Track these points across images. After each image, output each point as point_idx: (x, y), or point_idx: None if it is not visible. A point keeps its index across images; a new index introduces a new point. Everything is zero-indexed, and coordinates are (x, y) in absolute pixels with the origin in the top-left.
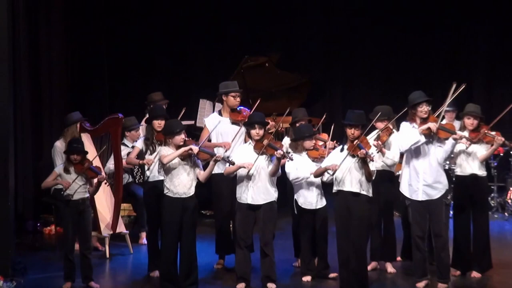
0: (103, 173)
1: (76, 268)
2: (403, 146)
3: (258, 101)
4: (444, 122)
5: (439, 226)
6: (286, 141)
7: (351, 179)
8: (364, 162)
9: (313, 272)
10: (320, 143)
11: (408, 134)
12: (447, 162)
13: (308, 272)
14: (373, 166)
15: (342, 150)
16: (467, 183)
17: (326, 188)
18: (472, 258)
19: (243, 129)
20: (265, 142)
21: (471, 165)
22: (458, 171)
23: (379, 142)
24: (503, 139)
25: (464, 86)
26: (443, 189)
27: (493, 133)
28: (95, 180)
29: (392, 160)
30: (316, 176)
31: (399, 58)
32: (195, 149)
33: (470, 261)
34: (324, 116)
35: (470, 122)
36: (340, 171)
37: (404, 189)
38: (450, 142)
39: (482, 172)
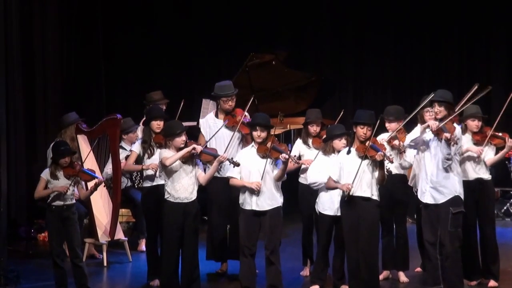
0: (99, 176)
1: (67, 274)
2: (405, 142)
3: (252, 98)
4: None
5: (444, 234)
6: (298, 142)
7: (361, 183)
8: (380, 164)
9: (324, 281)
10: None
11: (413, 132)
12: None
13: (318, 282)
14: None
15: (349, 152)
16: (472, 188)
17: None
18: (483, 266)
19: (237, 134)
20: (269, 144)
21: (476, 169)
22: (463, 176)
23: (401, 143)
24: None
25: (489, 89)
26: (449, 195)
27: (501, 134)
28: (91, 184)
29: (409, 163)
30: (327, 188)
31: (413, 58)
32: (198, 148)
33: (481, 270)
34: (340, 116)
35: (475, 124)
36: (349, 175)
37: (419, 190)
38: (443, 143)
39: (487, 176)
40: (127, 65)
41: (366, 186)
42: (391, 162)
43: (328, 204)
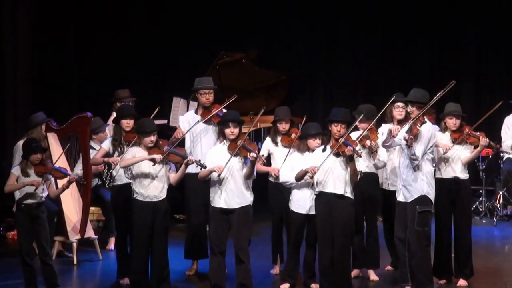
0: (70, 173)
1: (36, 273)
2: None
3: (235, 97)
4: None
5: (410, 233)
6: (268, 141)
7: (334, 179)
8: (351, 160)
9: (294, 280)
10: None
11: (380, 130)
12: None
13: (289, 279)
14: (358, 167)
15: (324, 150)
16: (448, 187)
17: None
18: (455, 265)
19: (203, 125)
20: (239, 142)
21: (453, 168)
22: (439, 174)
23: (373, 142)
24: (488, 140)
25: (453, 84)
26: (415, 194)
27: (477, 133)
28: (62, 182)
29: (383, 162)
30: (297, 179)
31: (385, 57)
32: (158, 158)
33: (453, 269)
34: (305, 118)
35: (452, 122)
36: (322, 171)
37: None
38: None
39: (464, 175)
40: (98, 65)
41: (339, 183)
42: (359, 156)
43: (301, 202)
